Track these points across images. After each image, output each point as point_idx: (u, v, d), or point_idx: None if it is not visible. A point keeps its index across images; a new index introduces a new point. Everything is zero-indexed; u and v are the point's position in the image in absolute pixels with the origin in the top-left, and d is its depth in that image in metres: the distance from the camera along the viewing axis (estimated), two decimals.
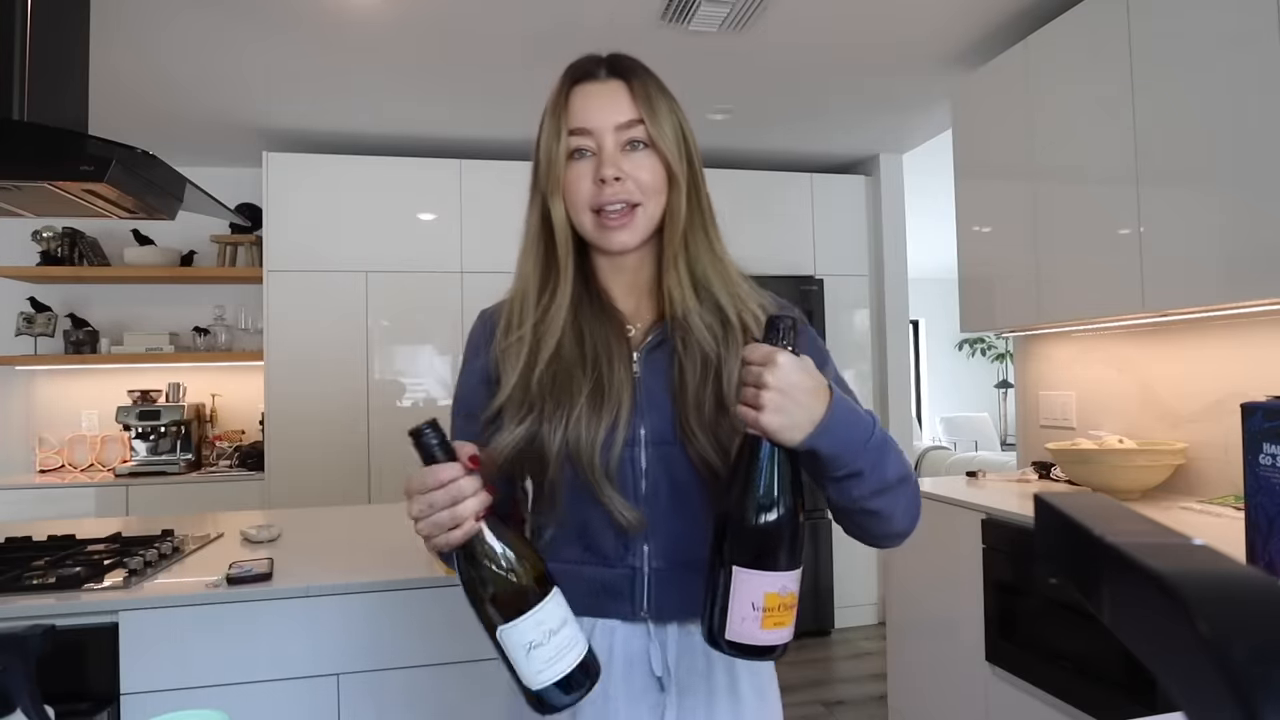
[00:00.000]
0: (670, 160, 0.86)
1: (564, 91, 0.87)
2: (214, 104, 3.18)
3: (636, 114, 0.85)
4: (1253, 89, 1.73)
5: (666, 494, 0.86)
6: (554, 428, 0.83)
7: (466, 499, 0.69)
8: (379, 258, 3.54)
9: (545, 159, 0.86)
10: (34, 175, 1.41)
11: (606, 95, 0.86)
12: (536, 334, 0.87)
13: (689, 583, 0.84)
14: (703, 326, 0.86)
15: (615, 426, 0.83)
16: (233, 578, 1.48)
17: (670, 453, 0.85)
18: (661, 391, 0.86)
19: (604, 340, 0.87)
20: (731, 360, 0.84)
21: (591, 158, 0.85)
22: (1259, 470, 1.32)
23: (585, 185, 0.85)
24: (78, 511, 3.29)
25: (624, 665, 0.87)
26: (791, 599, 0.71)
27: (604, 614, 0.87)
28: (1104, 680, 1.72)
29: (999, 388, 8.09)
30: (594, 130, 0.85)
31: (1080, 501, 0.36)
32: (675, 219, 0.87)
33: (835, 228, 4.10)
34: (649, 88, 0.87)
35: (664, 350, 0.88)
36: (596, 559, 0.87)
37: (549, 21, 2.55)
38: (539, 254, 0.89)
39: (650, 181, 0.85)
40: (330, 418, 3.46)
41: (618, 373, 0.85)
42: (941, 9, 2.51)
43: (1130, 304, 2.06)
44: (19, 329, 3.63)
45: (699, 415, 0.83)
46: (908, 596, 2.58)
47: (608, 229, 0.85)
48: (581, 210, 0.86)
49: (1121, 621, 0.30)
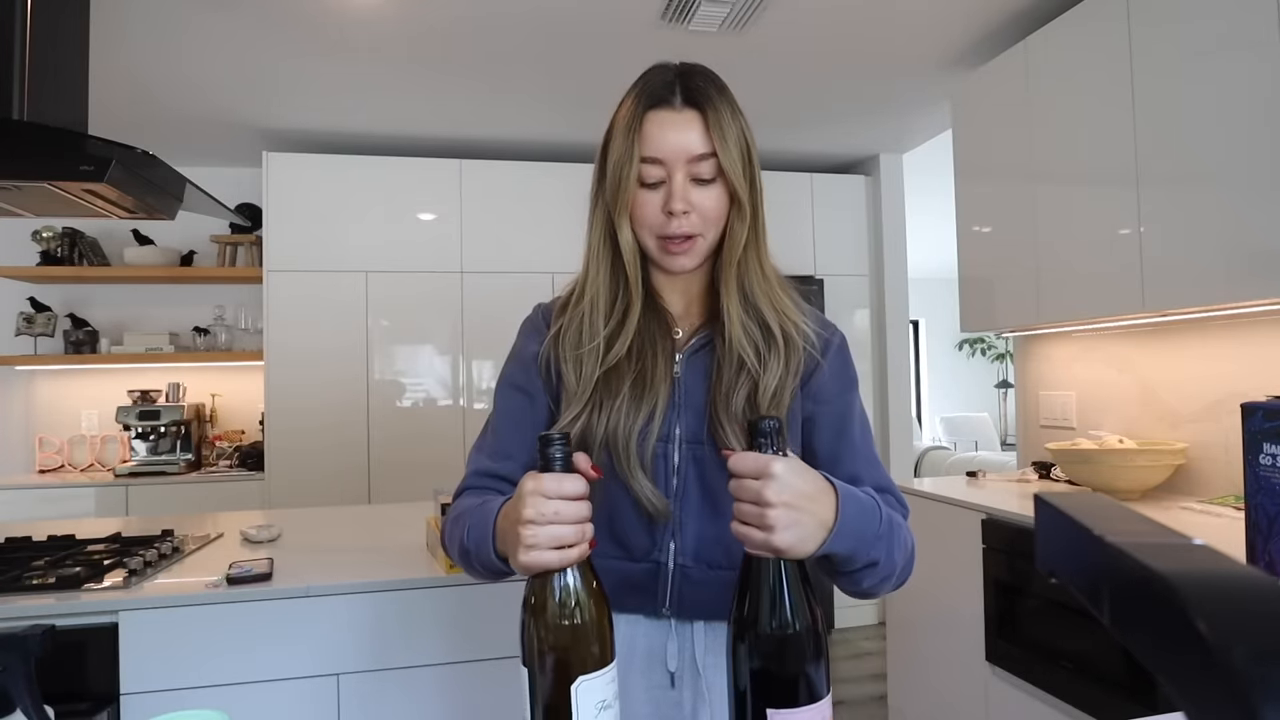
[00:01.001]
0: (737, 188, 0.88)
1: (638, 114, 0.87)
2: (214, 104, 3.18)
3: (709, 148, 0.86)
4: (1252, 89, 1.73)
5: (697, 494, 0.88)
6: (602, 416, 0.86)
7: (585, 522, 0.68)
8: (379, 258, 3.54)
9: (615, 179, 0.88)
10: (34, 175, 1.41)
11: (682, 126, 0.86)
12: (609, 344, 0.90)
13: (715, 582, 0.86)
14: (743, 335, 0.88)
15: (652, 418, 0.86)
16: (233, 578, 1.48)
17: (703, 453, 0.87)
18: (699, 392, 0.89)
19: (650, 337, 0.90)
20: (771, 369, 0.87)
21: (661, 187, 0.87)
22: (1259, 470, 1.32)
23: (653, 213, 0.87)
24: (77, 511, 3.29)
25: (645, 659, 0.89)
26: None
27: (626, 609, 0.88)
28: (1104, 680, 1.72)
29: (999, 388, 8.10)
30: (666, 161, 0.86)
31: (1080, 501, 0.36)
32: (734, 241, 0.90)
33: (835, 228, 4.10)
34: (722, 116, 0.87)
35: (705, 353, 0.91)
36: (623, 553, 0.89)
37: (549, 21, 2.55)
38: (607, 267, 0.92)
39: (714, 212, 0.88)
40: (330, 418, 3.46)
41: (659, 367, 0.88)
42: (941, 9, 2.51)
43: (1130, 304, 2.06)
44: (19, 329, 3.63)
45: (728, 413, 0.86)
46: (908, 596, 2.58)
47: (670, 254, 0.89)
48: (648, 235, 0.89)
49: (1121, 621, 0.30)
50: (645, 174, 0.87)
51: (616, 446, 0.85)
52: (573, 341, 0.91)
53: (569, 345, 0.91)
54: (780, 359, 0.88)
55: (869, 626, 3.98)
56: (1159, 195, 1.98)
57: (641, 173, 0.87)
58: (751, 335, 0.89)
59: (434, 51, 2.77)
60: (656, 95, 0.87)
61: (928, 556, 2.44)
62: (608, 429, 0.85)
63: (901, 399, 4.14)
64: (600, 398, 0.87)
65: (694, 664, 0.88)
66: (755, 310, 0.90)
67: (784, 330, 0.89)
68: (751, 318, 0.90)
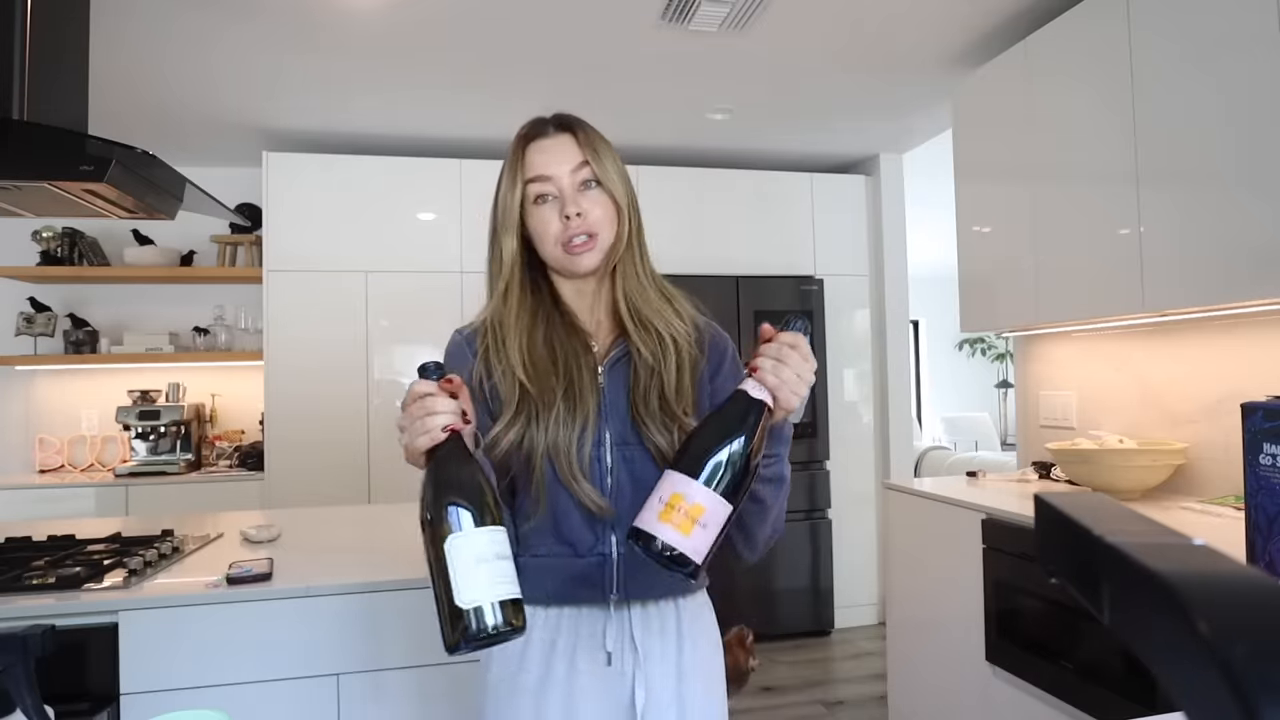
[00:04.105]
0: (617, 195, 1.02)
1: (520, 150, 1.02)
2: (214, 104, 3.18)
3: (584, 157, 1.01)
4: (1252, 89, 1.73)
5: (630, 489, 0.99)
6: (539, 429, 0.97)
7: (439, 413, 0.82)
8: (379, 258, 3.54)
9: (503, 207, 1.03)
10: (34, 175, 1.41)
11: (558, 146, 1.02)
12: (534, 360, 1.00)
13: (652, 566, 0.95)
14: (644, 343, 1.02)
15: (585, 428, 0.98)
16: (233, 578, 1.48)
17: (632, 453, 1.00)
18: (622, 399, 1.01)
19: (573, 353, 1.02)
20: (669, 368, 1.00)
21: (554, 200, 1.00)
22: (1259, 470, 1.32)
23: (554, 224, 1.00)
24: (77, 511, 3.29)
25: (588, 642, 1.00)
26: (697, 511, 0.76)
27: (577, 601, 1.00)
28: (1104, 680, 1.72)
29: (999, 388, 8.09)
30: (553, 176, 1.00)
31: (1080, 501, 0.36)
32: (619, 244, 1.04)
33: (835, 228, 4.09)
34: (591, 136, 1.03)
35: (623, 364, 1.03)
36: (570, 551, 1.00)
37: (549, 22, 2.55)
38: (517, 292, 1.03)
39: (603, 215, 1.01)
40: (330, 418, 3.45)
41: (585, 380, 1.00)
42: (941, 9, 2.51)
43: (1130, 304, 2.06)
44: (19, 329, 3.63)
45: (647, 409, 0.99)
46: (908, 596, 2.58)
47: (574, 254, 1.00)
48: (554, 245, 1.01)
49: (1121, 621, 0.30)
50: (537, 192, 1.00)
51: (558, 457, 0.96)
52: (499, 359, 1.01)
53: (497, 362, 1.01)
54: (673, 359, 1.01)
55: (869, 626, 3.98)
56: (1159, 195, 1.98)
57: (534, 192, 1.00)
58: (650, 342, 1.02)
59: (434, 51, 2.77)
60: (533, 132, 1.03)
61: (928, 556, 2.44)
62: (548, 441, 0.96)
63: (901, 399, 4.14)
64: (535, 411, 0.97)
65: (632, 642, 1.00)
66: (648, 320, 1.03)
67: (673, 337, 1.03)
68: (650, 326, 1.03)
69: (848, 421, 4.04)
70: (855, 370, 4.10)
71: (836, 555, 3.92)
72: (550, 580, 1.00)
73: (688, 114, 3.44)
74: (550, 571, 1.00)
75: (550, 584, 1.00)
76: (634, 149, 3.86)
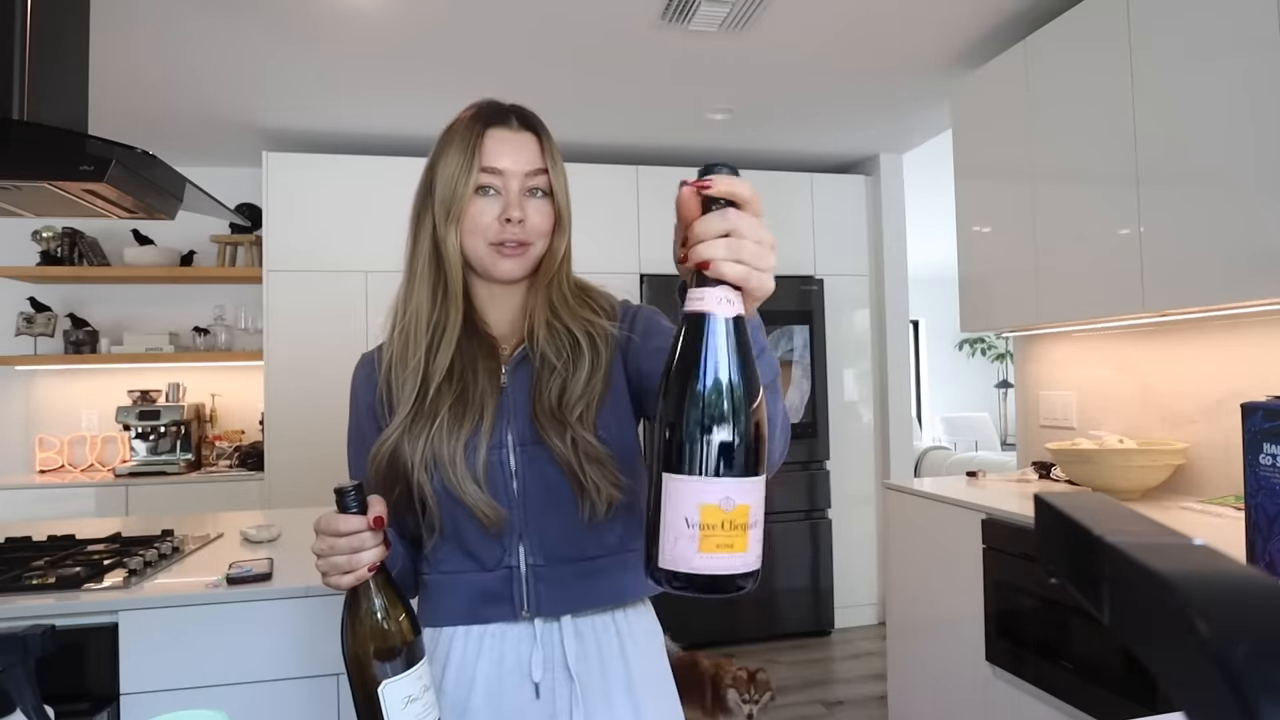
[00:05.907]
0: (561, 208, 0.95)
1: (477, 131, 0.93)
2: (214, 104, 3.18)
3: (544, 165, 0.94)
4: (1253, 89, 1.73)
5: (539, 492, 0.91)
6: (415, 440, 0.89)
7: (365, 550, 0.77)
8: (379, 258, 3.53)
9: (449, 189, 0.92)
10: (34, 175, 1.41)
11: (520, 144, 0.94)
12: (430, 358, 0.93)
13: (570, 576, 0.92)
14: (548, 345, 0.94)
15: (478, 431, 0.90)
16: (233, 578, 1.48)
17: (538, 454, 0.91)
18: (524, 399, 0.94)
19: (472, 357, 0.94)
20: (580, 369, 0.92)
21: (497, 196, 0.92)
22: (1259, 470, 1.32)
23: (489, 220, 0.92)
24: (78, 511, 3.29)
25: (514, 673, 0.91)
26: (742, 515, 0.55)
27: (487, 619, 0.92)
28: (1104, 680, 1.72)
29: (999, 388, 8.10)
30: (505, 172, 0.92)
31: (1080, 501, 0.36)
32: (553, 259, 0.97)
33: (835, 228, 4.09)
34: (552, 144, 0.97)
35: (526, 365, 0.96)
36: (475, 565, 0.93)
37: (549, 21, 2.55)
38: (429, 284, 0.96)
39: (545, 224, 0.94)
40: (330, 418, 3.43)
41: (482, 384, 0.93)
42: (941, 9, 2.51)
43: (1130, 304, 2.06)
44: (19, 329, 3.63)
45: (544, 411, 0.91)
46: (908, 596, 2.58)
47: (502, 257, 0.93)
48: (479, 241, 0.93)
49: (1121, 621, 0.30)
50: (483, 182, 0.92)
51: (442, 466, 0.88)
52: (400, 364, 0.94)
53: (397, 370, 0.94)
54: (586, 360, 0.93)
55: (869, 626, 3.98)
56: (1159, 195, 1.98)
57: (479, 181, 0.92)
58: (558, 344, 0.94)
59: (434, 51, 2.77)
60: (494, 117, 0.95)
61: (928, 556, 2.44)
62: (425, 452, 0.89)
63: (901, 399, 4.14)
64: (413, 421, 0.90)
65: (566, 671, 0.91)
66: (562, 322, 0.95)
67: (590, 335, 0.95)
68: (560, 329, 0.95)
69: (848, 421, 4.04)
70: (855, 370, 4.10)
71: (836, 555, 3.92)
72: (457, 598, 0.92)
73: (688, 114, 3.44)
74: (456, 589, 0.93)
75: (458, 602, 0.92)
76: (634, 149, 3.86)
